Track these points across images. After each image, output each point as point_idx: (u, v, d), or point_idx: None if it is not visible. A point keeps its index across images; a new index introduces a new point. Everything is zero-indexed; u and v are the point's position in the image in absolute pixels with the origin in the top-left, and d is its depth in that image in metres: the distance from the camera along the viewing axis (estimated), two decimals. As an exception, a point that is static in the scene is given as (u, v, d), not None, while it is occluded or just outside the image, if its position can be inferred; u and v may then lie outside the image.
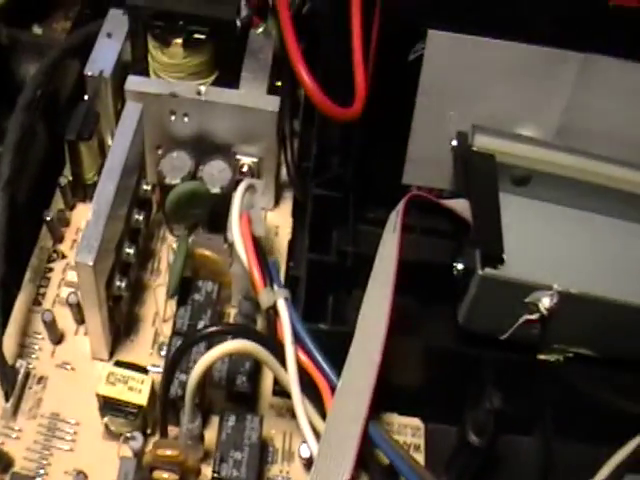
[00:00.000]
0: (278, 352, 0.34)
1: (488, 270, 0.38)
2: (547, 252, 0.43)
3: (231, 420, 0.36)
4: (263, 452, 0.37)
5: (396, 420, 0.40)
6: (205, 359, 0.33)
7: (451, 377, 0.39)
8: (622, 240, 0.44)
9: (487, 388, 0.37)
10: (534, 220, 0.45)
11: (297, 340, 0.35)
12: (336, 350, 0.35)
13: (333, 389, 0.34)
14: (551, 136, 0.44)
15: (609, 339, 0.40)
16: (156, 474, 0.35)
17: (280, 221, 0.46)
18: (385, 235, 0.38)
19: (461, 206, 0.40)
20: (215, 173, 0.42)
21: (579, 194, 0.44)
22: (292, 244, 0.44)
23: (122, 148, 0.39)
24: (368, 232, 0.41)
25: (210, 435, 0.37)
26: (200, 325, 0.38)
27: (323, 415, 0.34)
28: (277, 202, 0.46)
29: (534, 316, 0.39)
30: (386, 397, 0.40)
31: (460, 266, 0.39)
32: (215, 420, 0.37)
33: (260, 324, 0.39)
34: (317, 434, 0.34)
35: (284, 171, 0.45)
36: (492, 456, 0.40)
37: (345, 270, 0.39)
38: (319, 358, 0.35)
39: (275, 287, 0.35)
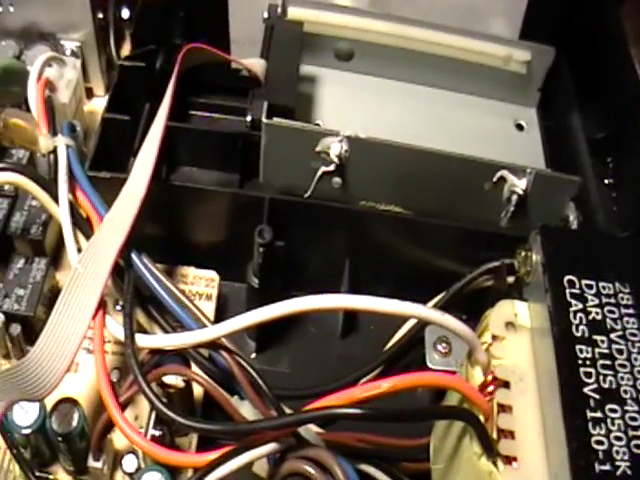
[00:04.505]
0: (52, 191, 0.36)
1: (275, 119, 0.39)
2: (363, 118, 0.44)
3: (20, 263, 0.38)
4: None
5: (192, 272, 0.41)
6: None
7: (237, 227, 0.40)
8: (437, 106, 0.45)
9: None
10: (357, 92, 0.46)
11: (75, 183, 0.37)
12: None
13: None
14: (366, 4, 0.45)
15: (415, 193, 0.41)
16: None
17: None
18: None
19: (257, 66, 0.41)
20: (38, 55, 0.44)
21: (398, 64, 0.45)
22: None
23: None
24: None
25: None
26: None
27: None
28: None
29: (330, 167, 0.40)
30: (182, 251, 0.41)
31: (249, 118, 0.40)
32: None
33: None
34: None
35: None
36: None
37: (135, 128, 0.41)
38: (92, 196, 0.36)
39: (59, 135, 0.38)
